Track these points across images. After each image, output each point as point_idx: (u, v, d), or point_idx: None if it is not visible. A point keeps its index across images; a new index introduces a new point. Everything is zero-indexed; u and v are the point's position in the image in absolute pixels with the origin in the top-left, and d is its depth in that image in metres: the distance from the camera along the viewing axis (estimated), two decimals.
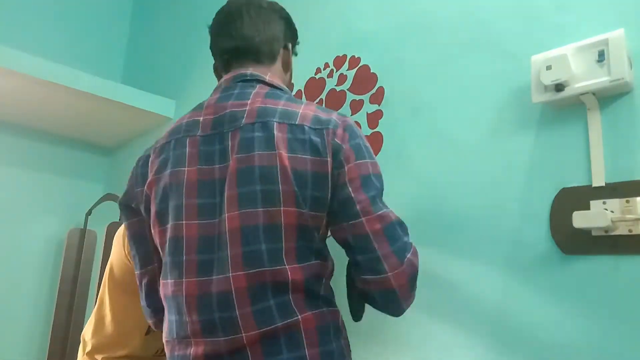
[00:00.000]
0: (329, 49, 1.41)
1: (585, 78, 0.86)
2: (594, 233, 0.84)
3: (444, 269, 1.04)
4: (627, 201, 0.81)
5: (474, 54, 1.09)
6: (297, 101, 0.87)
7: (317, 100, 1.41)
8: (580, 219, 0.82)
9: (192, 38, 2.09)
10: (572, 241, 0.87)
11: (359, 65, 1.32)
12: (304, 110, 0.83)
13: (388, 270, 0.78)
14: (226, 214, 0.74)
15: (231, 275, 0.73)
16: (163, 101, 2.05)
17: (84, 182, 2.41)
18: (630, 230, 0.80)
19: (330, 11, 1.45)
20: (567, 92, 0.87)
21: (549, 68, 0.88)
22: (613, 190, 0.84)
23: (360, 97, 1.30)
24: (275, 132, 0.78)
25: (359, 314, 0.89)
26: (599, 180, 0.85)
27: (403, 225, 0.83)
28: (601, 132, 0.87)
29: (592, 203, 0.85)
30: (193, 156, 0.80)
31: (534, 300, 0.91)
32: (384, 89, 1.25)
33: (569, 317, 0.86)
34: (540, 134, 0.95)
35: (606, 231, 0.82)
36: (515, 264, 0.94)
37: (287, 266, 0.75)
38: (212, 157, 0.79)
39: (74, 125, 2.19)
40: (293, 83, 1.41)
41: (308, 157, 0.78)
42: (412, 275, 0.82)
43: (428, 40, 1.18)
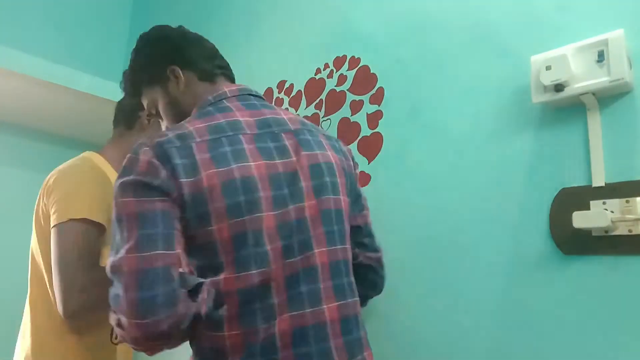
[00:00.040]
0: (329, 49, 1.41)
1: (585, 78, 0.86)
2: (594, 233, 0.84)
3: (444, 268, 1.04)
4: (627, 201, 0.81)
5: (473, 54, 1.09)
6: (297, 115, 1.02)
7: (317, 100, 1.41)
8: (580, 219, 0.82)
9: None
10: (572, 241, 0.87)
11: (359, 65, 1.32)
12: (314, 123, 1.03)
13: (379, 250, 1.01)
14: (306, 203, 0.84)
15: (316, 252, 0.82)
16: None
17: None
18: (630, 231, 0.81)
19: (330, 11, 1.45)
20: (567, 93, 0.87)
21: (548, 68, 0.88)
22: (613, 190, 0.84)
23: (360, 98, 1.30)
24: (320, 137, 0.93)
25: None
26: (598, 181, 0.86)
27: None
28: (601, 132, 0.87)
29: (592, 203, 0.85)
30: (253, 152, 0.83)
31: (534, 300, 0.91)
32: (383, 90, 1.25)
33: (569, 317, 0.86)
34: (540, 134, 0.95)
35: (606, 231, 0.83)
36: (515, 264, 0.95)
37: (347, 245, 0.89)
38: (271, 153, 0.85)
39: (74, 126, 2.19)
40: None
41: (343, 158, 0.95)
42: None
43: (428, 41, 1.18)
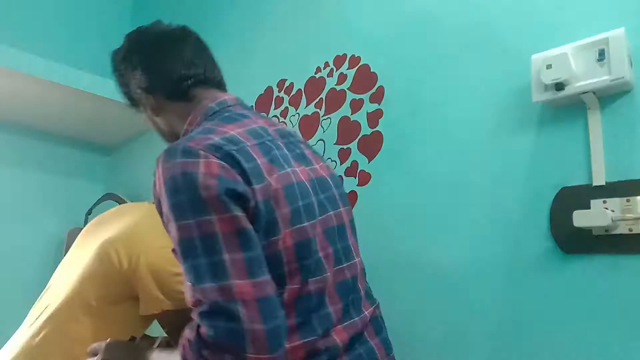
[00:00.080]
0: (329, 48, 1.41)
1: (586, 77, 0.86)
2: (594, 232, 0.84)
3: (444, 268, 1.04)
4: (628, 200, 0.81)
5: (474, 53, 1.09)
6: None
7: (317, 99, 1.41)
8: (580, 218, 0.82)
9: None
10: (573, 240, 0.87)
11: (359, 64, 1.32)
12: None
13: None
14: (342, 209, 0.88)
15: (356, 261, 0.87)
16: None
17: (84, 182, 2.41)
18: (630, 229, 0.81)
19: (330, 10, 1.45)
20: (568, 91, 0.87)
21: (549, 67, 0.87)
22: (613, 189, 0.84)
23: (360, 97, 1.30)
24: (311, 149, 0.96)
25: None
26: (599, 180, 0.85)
27: None
28: (601, 131, 0.87)
29: (593, 202, 0.85)
30: (290, 157, 0.83)
31: (534, 299, 0.91)
32: (384, 88, 1.25)
33: (569, 316, 0.86)
34: (540, 133, 0.95)
35: (606, 230, 0.82)
36: (515, 263, 0.94)
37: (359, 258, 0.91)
38: (303, 159, 0.87)
39: (74, 125, 2.18)
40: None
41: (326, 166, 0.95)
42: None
43: (428, 40, 1.18)
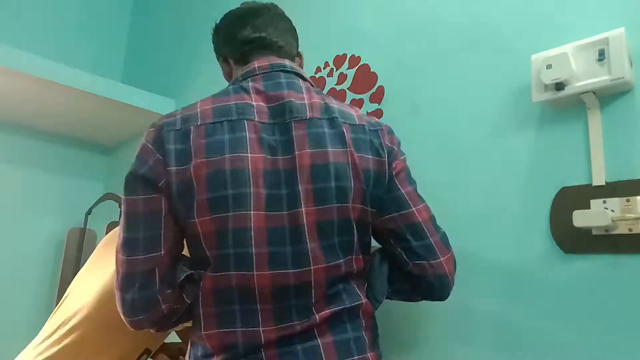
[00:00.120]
0: (329, 48, 1.41)
1: (586, 77, 0.86)
2: (594, 232, 0.84)
3: None
4: (628, 200, 0.81)
5: (473, 53, 1.08)
6: (339, 101, 0.89)
7: None
8: (580, 218, 0.82)
9: (192, 37, 2.09)
10: (573, 240, 0.87)
11: (359, 64, 1.32)
12: (355, 112, 0.87)
13: (440, 256, 0.84)
14: (303, 208, 0.75)
15: (312, 269, 0.75)
16: (163, 100, 2.05)
17: (84, 182, 2.41)
18: (630, 230, 0.80)
19: (330, 10, 1.45)
20: (568, 91, 0.87)
21: (549, 67, 0.87)
22: (613, 189, 0.83)
23: (360, 96, 1.30)
24: (344, 130, 0.80)
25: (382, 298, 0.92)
26: (599, 179, 0.85)
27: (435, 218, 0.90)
28: (601, 131, 0.87)
29: (593, 202, 0.85)
30: (255, 142, 0.75)
31: (534, 299, 0.91)
32: (383, 88, 1.25)
33: (569, 316, 0.86)
34: (540, 133, 0.95)
35: (606, 230, 0.82)
36: (515, 263, 0.94)
37: (354, 256, 0.80)
38: (275, 147, 0.77)
39: (74, 125, 2.18)
40: None
41: (370, 157, 0.82)
42: (455, 263, 0.89)
43: (428, 39, 1.18)
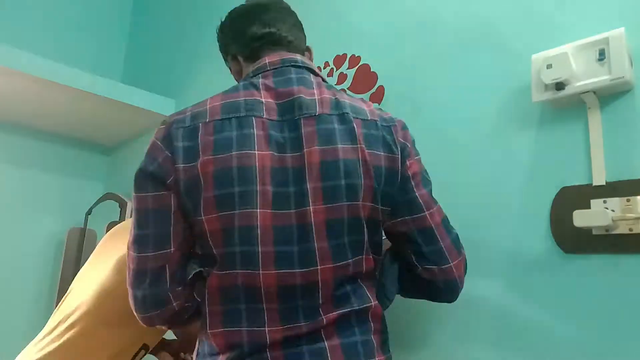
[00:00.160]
0: (329, 47, 1.41)
1: (586, 77, 0.86)
2: (594, 232, 0.84)
3: None
4: (628, 200, 0.81)
5: (474, 53, 1.08)
6: (352, 95, 0.88)
7: None
8: (580, 218, 0.82)
9: (192, 37, 2.09)
10: (573, 240, 0.87)
11: (359, 64, 1.32)
12: (367, 107, 0.85)
13: (451, 261, 0.82)
14: (311, 207, 0.74)
15: (319, 268, 0.73)
16: (163, 100, 2.05)
17: (84, 182, 2.41)
18: (630, 229, 0.80)
19: (331, 10, 1.45)
20: (568, 91, 0.87)
21: (549, 67, 0.87)
22: (613, 189, 0.83)
23: (360, 96, 1.29)
24: (354, 126, 0.79)
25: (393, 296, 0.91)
26: (599, 179, 0.85)
27: (448, 218, 0.88)
28: (601, 131, 0.87)
29: (593, 202, 0.85)
30: (263, 139, 0.75)
31: (535, 299, 0.91)
32: (383, 88, 1.25)
33: (570, 316, 0.86)
34: (540, 133, 0.95)
35: (607, 230, 0.82)
36: (515, 263, 0.94)
37: (364, 256, 0.78)
38: (284, 144, 0.76)
39: (74, 124, 2.18)
40: None
41: (382, 154, 0.80)
42: (466, 264, 0.87)
43: (428, 39, 1.18)
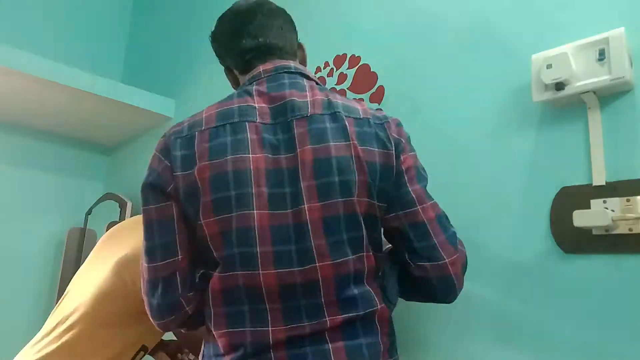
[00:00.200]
0: (329, 47, 1.41)
1: (586, 77, 0.86)
2: (594, 232, 0.84)
3: None
4: (628, 200, 0.81)
5: (474, 53, 1.08)
6: (344, 97, 0.89)
7: None
8: (580, 218, 0.82)
9: (193, 37, 2.09)
10: (573, 240, 0.87)
11: (359, 64, 1.32)
12: (360, 106, 0.86)
13: (445, 257, 0.81)
14: (305, 205, 0.74)
15: (318, 265, 0.74)
16: (163, 100, 2.05)
17: (84, 182, 2.41)
18: (630, 229, 0.80)
19: (331, 10, 1.45)
20: (568, 91, 0.87)
21: (549, 67, 0.87)
22: (613, 189, 0.83)
23: (360, 96, 1.29)
24: (346, 124, 0.80)
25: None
26: (599, 179, 0.85)
27: (447, 216, 0.87)
28: (601, 131, 0.87)
29: (593, 202, 0.85)
30: (256, 143, 0.76)
31: (535, 299, 0.91)
32: (384, 88, 1.25)
33: (569, 316, 0.86)
34: (540, 133, 0.95)
35: (607, 230, 0.82)
36: (515, 263, 0.94)
37: (364, 253, 0.77)
38: (277, 146, 0.77)
39: (74, 125, 2.19)
40: None
41: (376, 150, 0.80)
42: (464, 263, 0.86)
43: (428, 39, 1.18)
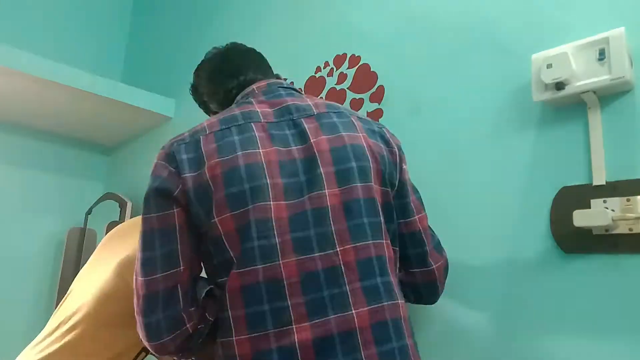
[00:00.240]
0: (329, 47, 1.41)
1: (586, 76, 0.86)
2: (594, 232, 0.84)
3: None
4: (628, 200, 0.81)
5: (474, 52, 1.08)
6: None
7: (317, 99, 1.41)
8: (580, 218, 0.82)
9: (193, 37, 2.09)
10: (573, 240, 0.87)
11: (359, 64, 1.32)
12: (358, 113, 0.91)
13: (433, 264, 0.86)
14: (326, 190, 0.74)
15: (339, 250, 0.71)
16: (163, 100, 2.05)
17: (84, 181, 2.41)
18: (630, 229, 0.80)
19: (331, 10, 1.45)
20: (568, 91, 0.87)
21: (549, 66, 0.87)
22: (613, 188, 0.83)
23: (360, 96, 1.29)
24: (353, 120, 0.83)
25: None
26: (599, 179, 0.85)
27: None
28: (602, 131, 0.87)
29: (593, 202, 0.85)
30: (265, 139, 0.77)
31: (535, 298, 0.91)
32: (384, 88, 1.25)
33: (569, 316, 0.86)
34: (540, 132, 0.95)
35: (607, 230, 0.82)
36: (515, 263, 0.94)
37: (384, 241, 0.77)
38: (286, 140, 0.78)
39: (74, 124, 2.19)
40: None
41: (382, 145, 0.83)
42: (447, 267, 0.92)
43: (428, 39, 1.18)
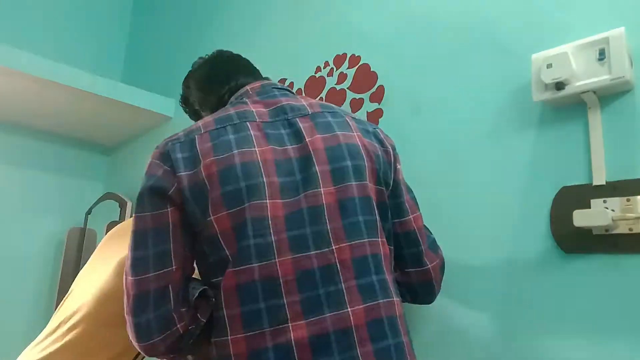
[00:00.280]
0: (329, 47, 1.41)
1: (586, 76, 0.86)
2: (594, 232, 0.84)
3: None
4: (628, 200, 0.81)
5: (474, 52, 1.08)
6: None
7: (317, 99, 1.41)
8: (580, 218, 0.82)
9: (193, 37, 2.09)
10: (573, 240, 0.87)
11: (359, 63, 1.32)
12: (353, 114, 0.92)
13: (428, 263, 0.86)
14: (322, 189, 0.74)
15: (334, 248, 0.72)
16: (163, 100, 2.05)
17: (83, 181, 2.41)
18: (630, 229, 0.80)
19: (331, 10, 1.45)
20: (568, 91, 0.87)
21: (549, 66, 0.87)
22: (613, 188, 0.83)
23: (360, 96, 1.29)
24: (347, 119, 0.84)
25: None
26: (599, 179, 0.85)
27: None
28: (602, 131, 0.87)
29: (593, 202, 0.85)
30: (260, 138, 0.77)
31: (535, 298, 0.91)
32: (384, 88, 1.25)
33: (569, 316, 0.86)
34: (540, 132, 0.95)
35: (607, 230, 0.82)
36: (515, 263, 0.94)
37: (379, 239, 0.77)
38: (282, 139, 0.79)
39: (74, 124, 2.18)
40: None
41: (377, 145, 0.84)
42: (443, 267, 0.92)
43: (428, 39, 1.18)
